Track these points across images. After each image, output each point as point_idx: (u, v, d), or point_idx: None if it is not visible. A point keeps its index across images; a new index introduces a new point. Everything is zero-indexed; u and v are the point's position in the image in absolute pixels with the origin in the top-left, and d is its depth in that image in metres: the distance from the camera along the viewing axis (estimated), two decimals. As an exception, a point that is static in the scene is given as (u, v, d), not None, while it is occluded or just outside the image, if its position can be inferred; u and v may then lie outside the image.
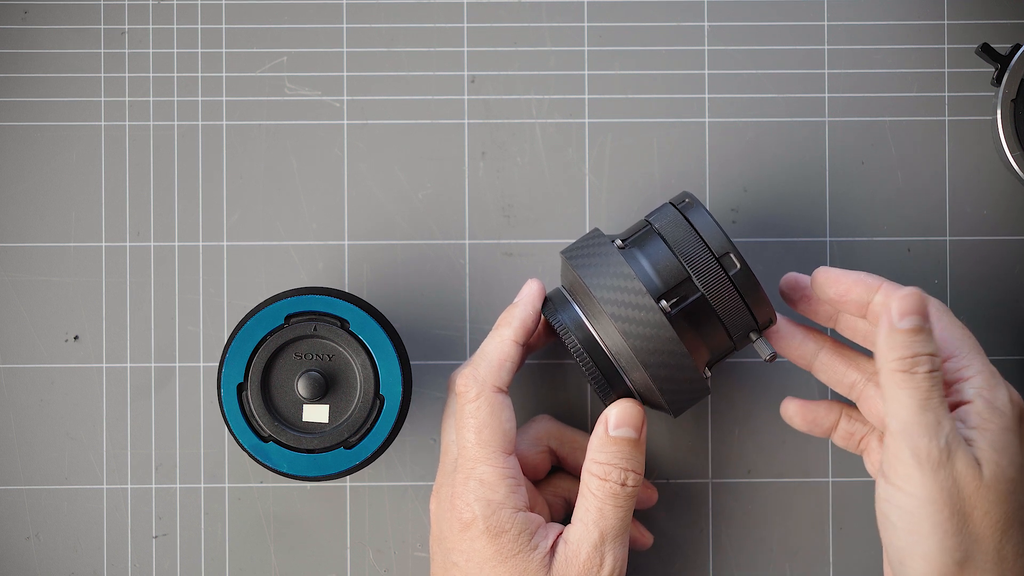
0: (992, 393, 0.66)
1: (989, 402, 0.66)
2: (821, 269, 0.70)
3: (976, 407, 0.66)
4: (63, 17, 0.78)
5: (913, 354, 0.65)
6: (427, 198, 0.78)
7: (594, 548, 0.69)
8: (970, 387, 0.67)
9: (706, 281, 0.69)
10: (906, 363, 0.65)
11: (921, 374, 0.65)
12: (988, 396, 0.66)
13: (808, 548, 0.78)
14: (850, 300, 0.69)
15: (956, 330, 0.69)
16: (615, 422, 0.70)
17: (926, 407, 0.64)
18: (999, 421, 0.66)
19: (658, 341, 0.68)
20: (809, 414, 0.73)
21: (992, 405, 0.66)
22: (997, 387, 0.67)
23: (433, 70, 0.78)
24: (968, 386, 0.67)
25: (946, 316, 0.69)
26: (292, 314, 0.71)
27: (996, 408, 0.66)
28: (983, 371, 0.67)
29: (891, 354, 0.65)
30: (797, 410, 0.73)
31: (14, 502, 0.77)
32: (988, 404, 0.66)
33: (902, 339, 0.65)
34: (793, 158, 0.78)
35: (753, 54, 0.78)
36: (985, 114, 0.77)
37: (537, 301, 0.72)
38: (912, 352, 0.65)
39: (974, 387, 0.67)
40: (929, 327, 0.66)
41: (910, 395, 0.65)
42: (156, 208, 0.78)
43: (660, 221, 0.70)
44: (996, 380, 0.67)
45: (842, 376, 0.72)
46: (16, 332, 0.77)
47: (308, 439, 0.70)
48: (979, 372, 0.67)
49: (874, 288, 0.69)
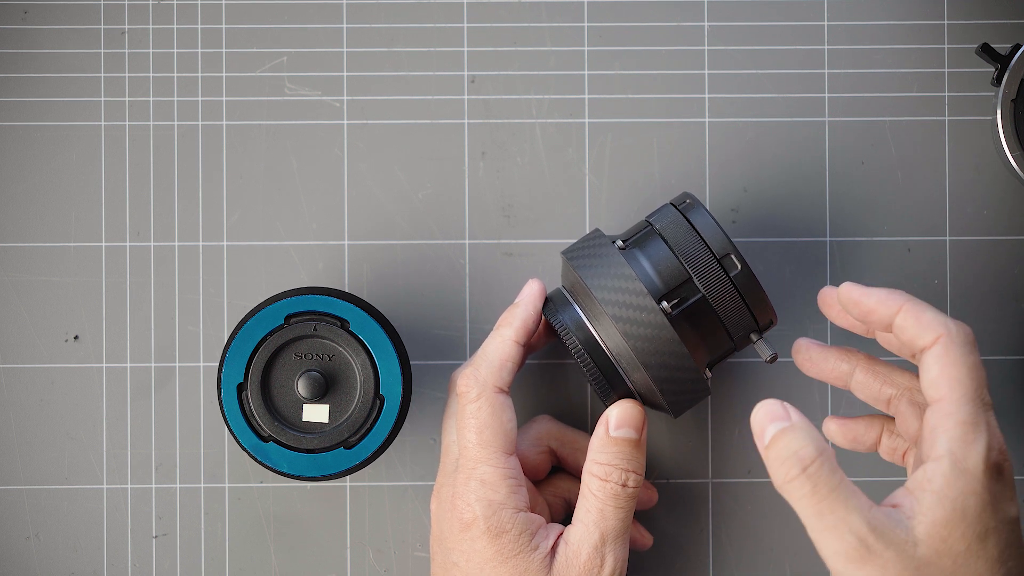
0: (965, 450, 0.63)
1: (957, 463, 0.63)
2: (845, 286, 0.68)
3: (942, 467, 0.63)
4: (63, 17, 0.78)
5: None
6: (427, 198, 0.78)
7: (594, 549, 0.69)
8: (944, 440, 0.63)
9: (707, 282, 0.69)
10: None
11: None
12: (959, 454, 0.63)
13: (808, 548, 0.77)
14: (873, 321, 0.68)
15: (961, 371, 0.65)
16: (616, 423, 0.70)
17: (822, 513, 0.62)
18: (962, 485, 0.62)
19: (659, 342, 0.68)
20: (849, 432, 0.73)
21: (959, 467, 0.62)
22: (974, 443, 0.63)
23: (433, 70, 0.78)
24: (943, 439, 0.63)
25: (955, 350, 0.65)
26: (292, 314, 0.71)
27: (963, 470, 0.62)
28: (965, 422, 0.63)
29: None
30: (838, 429, 0.73)
31: (14, 502, 0.77)
32: (954, 466, 0.63)
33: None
34: (793, 158, 0.78)
35: (753, 54, 0.78)
36: (985, 114, 0.77)
37: (538, 301, 0.72)
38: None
39: (948, 441, 0.63)
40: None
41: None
42: (156, 208, 0.78)
43: (661, 222, 0.70)
44: (976, 434, 0.63)
45: (878, 393, 0.71)
46: (16, 332, 0.77)
47: (308, 439, 0.70)
48: (959, 423, 0.63)
49: (895, 307, 0.67)
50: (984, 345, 0.77)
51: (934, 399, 0.64)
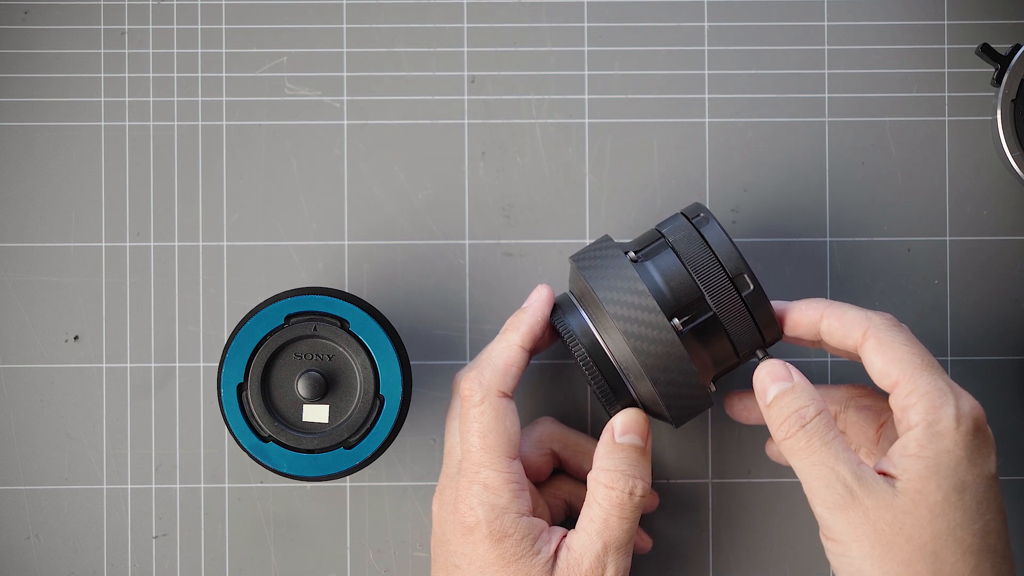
0: (936, 415, 0.66)
1: (929, 427, 0.66)
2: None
3: (916, 434, 0.66)
4: (63, 17, 0.78)
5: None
6: (427, 198, 0.78)
7: (596, 559, 0.69)
8: (915, 413, 0.66)
9: (719, 300, 0.69)
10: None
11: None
12: (931, 419, 0.66)
13: (808, 548, 0.78)
14: (802, 333, 0.70)
15: (900, 350, 0.68)
16: (621, 429, 0.70)
17: (815, 464, 0.66)
18: (936, 445, 0.65)
19: (669, 359, 0.68)
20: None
21: (932, 430, 0.66)
22: (943, 406, 0.66)
23: (433, 70, 0.78)
24: (914, 412, 0.66)
25: (886, 336, 0.68)
26: (292, 314, 0.71)
27: (936, 432, 0.65)
28: (929, 391, 0.66)
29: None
30: None
31: (14, 502, 0.77)
32: (927, 430, 0.66)
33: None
34: (793, 158, 0.78)
35: (753, 54, 0.78)
36: (985, 114, 0.77)
37: (546, 308, 0.72)
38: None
39: (918, 413, 0.66)
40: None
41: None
42: (156, 208, 0.78)
43: (674, 235, 0.70)
44: (943, 398, 0.66)
45: (869, 431, 0.73)
46: (16, 332, 0.77)
47: (308, 439, 0.70)
48: (924, 395, 0.66)
49: (817, 316, 0.70)
50: (984, 345, 0.77)
51: (890, 386, 0.68)
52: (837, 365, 0.78)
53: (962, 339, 0.78)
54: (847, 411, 0.73)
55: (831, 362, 0.78)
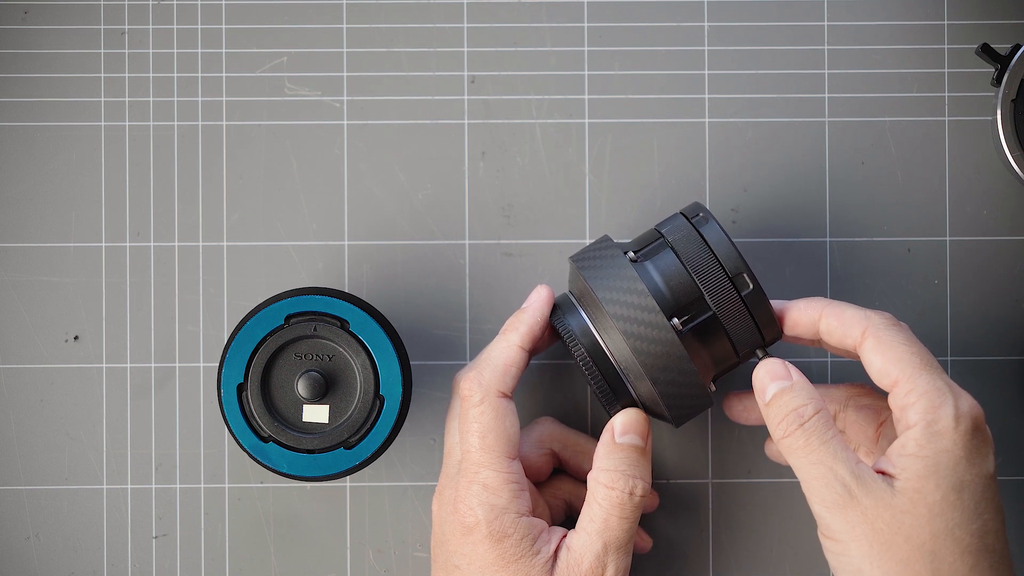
0: (935, 414, 0.66)
1: (928, 426, 0.66)
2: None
3: (914, 434, 0.66)
4: (63, 17, 0.78)
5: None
6: (427, 198, 0.78)
7: (596, 559, 0.69)
8: (914, 413, 0.66)
9: (718, 300, 0.69)
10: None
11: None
12: (930, 418, 0.66)
13: (808, 548, 0.78)
14: (801, 332, 0.71)
15: (899, 349, 0.68)
16: (621, 429, 0.70)
17: (813, 463, 0.66)
18: (935, 445, 0.65)
19: (669, 359, 0.68)
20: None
21: (931, 430, 0.66)
22: (942, 406, 0.66)
23: (433, 70, 0.78)
24: (913, 412, 0.66)
25: (885, 335, 0.68)
26: (292, 314, 0.71)
27: (935, 432, 0.65)
28: (928, 391, 0.66)
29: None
30: None
31: (14, 502, 0.77)
32: (926, 429, 0.66)
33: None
34: (793, 158, 0.78)
35: (753, 54, 0.78)
36: (985, 114, 0.77)
37: (546, 308, 0.72)
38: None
39: (917, 412, 0.66)
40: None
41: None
42: (156, 208, 0.78)
43: (673, 235, 0.70)
44: (942, 397, 0.66)
45: (868, 430, 0.73)
46: (16, 332, 0.77)
47: (308, 439, 0.70)
48: (923, 394, 0.66)
49: (816, 315, 0.70)
50: (984, 345, 0.77)
51: (889, 385, 0.68)
52: (837, 364, 0.78)
53: (962, 339, 0.78)
54: (846, 410, 0.73)
55: (831, 362, 0.78)
